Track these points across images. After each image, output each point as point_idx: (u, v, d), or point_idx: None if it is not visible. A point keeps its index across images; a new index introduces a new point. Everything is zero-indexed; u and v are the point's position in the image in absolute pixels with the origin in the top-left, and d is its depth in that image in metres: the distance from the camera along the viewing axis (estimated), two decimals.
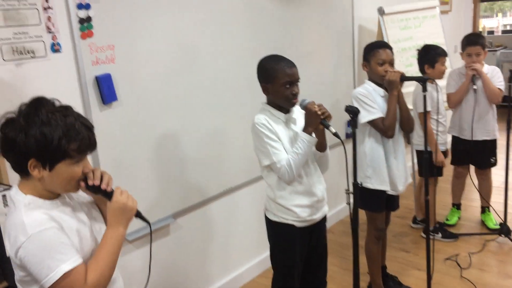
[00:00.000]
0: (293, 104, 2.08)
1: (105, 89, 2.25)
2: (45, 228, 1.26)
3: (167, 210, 2.64)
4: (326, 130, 2.02)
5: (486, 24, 10.63)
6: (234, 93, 2.93)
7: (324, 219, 2.26)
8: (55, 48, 2.08)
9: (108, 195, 1.40)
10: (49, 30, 2.04)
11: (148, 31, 2.42)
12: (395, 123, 2.53)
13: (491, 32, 9.56)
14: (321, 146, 2.11)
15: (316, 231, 2.20)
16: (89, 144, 1.33)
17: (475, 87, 3.37)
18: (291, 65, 2.06)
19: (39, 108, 1.29)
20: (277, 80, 2.03)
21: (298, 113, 2.15)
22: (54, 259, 1.24)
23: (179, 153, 2.66)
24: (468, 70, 3.38)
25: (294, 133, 2.10)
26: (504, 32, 9.45)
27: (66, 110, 1.33)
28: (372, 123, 2.52)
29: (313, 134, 2.01)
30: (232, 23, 2.87)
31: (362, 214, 2.39)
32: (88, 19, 2.16)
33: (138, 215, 1.46)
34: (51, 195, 1.36)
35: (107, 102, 2.27)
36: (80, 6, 2.13)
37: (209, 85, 2.77)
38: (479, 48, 3.35)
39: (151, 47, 2.44)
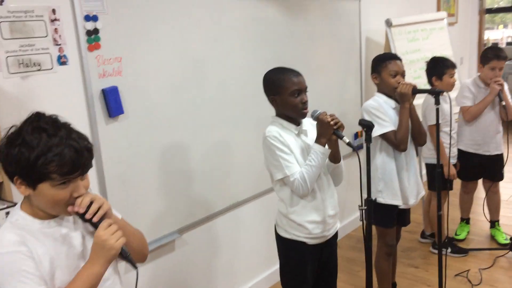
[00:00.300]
0: (304, 114, 2.03)
1: (112, 102, 2.21)
2: (10, 251, 1.21)
3: (172, 225, 2.58)
4: (339, 140, 1.97)
5: (489, 36, 10.64)
6: (241, 107, 2.89)
7: (335, 235, 2.20)
8: (62, 60, 2.04)
9: (95, 225, 1.29)
10: (56, 42, 2.00)
11: (156, 43, 2.39)
12: (408, 136, 2.48)
13: (495, 44, 9.54)
14: (335, 157, 2.05)
15: (327, 248, 2.15)
16: (72, 167, 1.23)
17: (503, 103, 3.29)
18: (297, 73, 2.02)
19: (26, 125, 1.25)
20: (284, 90, 1.99)
21: (309, 124, 2.10)
22: (11, 286, 1.18)
23: (185, 167, 2.62)
24: (494, 84, 3.28)
25: (306, 145, 2.05)
26: (508, 44, 9.44)
27: (56, 129, 1.24)
28: (384, 136, 2.47)
29: (326, 146, 1.96)
30: (240, 36, 2.84)
31: (373, 230, 2.33)
32: (96, 31, 2.13)
33: (124, 256, 1.31)
34: (46, 214, 1.31)
35: (113, 115, 2.23)
36: (87, 18, 2.09)
37: (216, 98, 2.73)
38: (503, 62, 3.30)
39: (158, 60, 2.41)
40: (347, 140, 1.89)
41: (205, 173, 2.72)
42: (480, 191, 3.84)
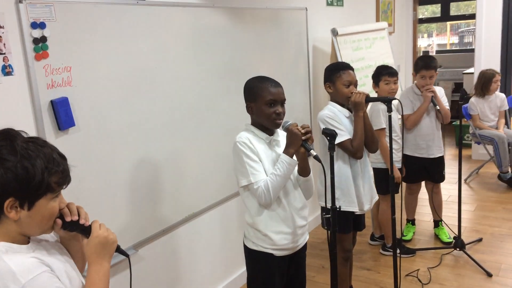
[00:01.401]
0: (276, 125, 2.02)
1: (62, 114, 2.08)
2: (38, 273, 1.12)
3: (128, 241, 2.48)
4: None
5: (420, 44, 11.28)
6: (193, 117, 2.84)
7: (304, 247, 2.19)
8: (7, 70, 1.90)
9: (86, 230, 1.30)
10: (0, 51, 1.86)
11: (107, 52, 2.29)
12: (363, 144, 2.54)
13: (426, 52, 10.11)
14: (304, 170, 2.05)
15: (296, 259, 2.14)
16: (67, 175, 1.23)
17: (437, 107, 3.47)
18: (276, 84, 2.02)
19: (13, 140, 1.14)
20: (260, 99, 1.99)
21: (282, 137, 2.10)
22: None
23: (139, 180, 2.52)
24: (426, 92, 3.48)
25: (277, 155, 2.03)
26: (437, 52, 10.03)
27: (38, 140, 1.20)
28: (341, 145, 2.51)
29: (294, 157, 1.96)
30: (190, 46, 2.79)
31: (325, 234, 2.35)
32: (43, 39, 2.00)
33: (117, 248, 1.37)
34: (24, 240, 1.20)
35: (64, 128, 2.11)
36: (34, 25, 1.96)
37: (169, 109, 2.67)
38: (433, 71, 3.49)
39: (109, 69, 2.31)
40: (314, 153, 1.90)
41: (159, 185, 2.64)
42: (422, 193, 4.02)
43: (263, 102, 1.98)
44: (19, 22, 1.92)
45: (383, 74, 3.37)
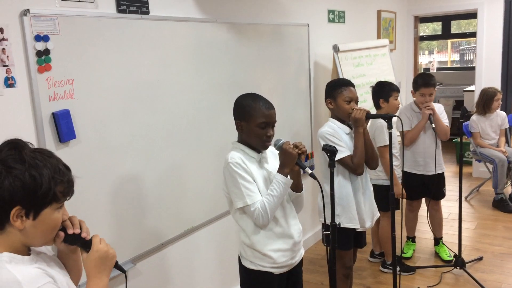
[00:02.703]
0: (265, 147, 2.01)
1: (63, 127, 2.09)
2: (43, 284, 1.12)
3: (126, 254, 2.46)
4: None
5: (421, 61, 11.35)
6: (193, 131, 2.85)
7: (300, 262, 2.18)
8: (9, 82, 1.91)
9: (87, 244, 1.30)
10: (3, 63, 1.87)
11: (109, 65, 2.30)
12: (364, 160, 2.54)
13: (427, 69, 10.16)
14: (297, 187, 2.05)
15: (293, 275, 2.12)
16: (72, 186, 1.23)
17: (433, 125, 3.47)
18: (270, 106, 2.00)
19: (21, 149, 1.16)
20: (252, 119, 1.97)
21: (269, 152, 2.10)
22: None
23: (139, 193, 2.52)
24: (425, 109, 3.49)
25: (268, 172, 2.03)
26: (438, 69, 10.08)
27: (45, 151, 1.22)
28: (341, 161, 2.51)
29: (289, 176, 1.95)
30: (193, 60, 2.81)
31: (324, 251, 2.33)
32: (46, 51, 2.02)
33: (116, 264, 1.37)
34: (26, 251, 1.21)
35: (64, 140, 2.11)
36: (38, 38, 1.98)
37: (169, 122, 2.67)
38: (432, 89, 3.50)
39: (112, 82, 2.32)
40: (310, 171, 1.89)
41: (158, 199, 2.63)
42: (422, 211, 4.00)
43: (255, 123, 1.96)
44: (23, 34, 1.94)
45: (394, 89, 3.38)
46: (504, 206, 4.85)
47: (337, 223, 1.97)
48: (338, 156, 2.49)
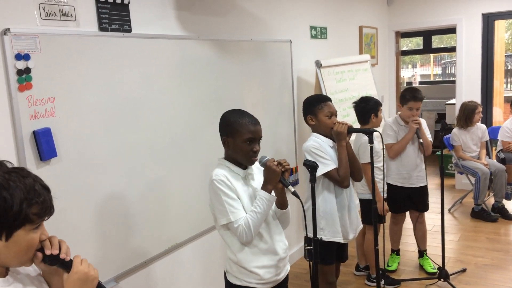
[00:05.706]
0: (252, 162, 2.03)
1: (44, 145, 2.08)
2: None
3: (108, 272, 2.44)
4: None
5: (403, 75, 11.53)
6: (176, 147, 2.85)
7: (286, 278, 2.18)
8: None
9: (67, 265, 1.27)
10: None
11: (92, 83, 2.31)
12: (349, 173, 2.56)
13: (409, 83, 10.31)
14: (281, 204, 2.06)
15: None
16: (49, 207, 1.21)
17: (421, 140, 3.53)
18: (255, 122, 2.02)
19: None
20: (239, 135, 1.98)
21: (255, 168, 2.11)
22: None
23: (121, 210, 2.50)
24: (412, 123, 3.54)
25: (254, 189, 2.04)
26: (421, 83, 10.23)
27: (22, 171, 1.19)
28: (328, 175, 2.54)
29: (273, 192, 1.96)
30: (175, 76, 2.83)
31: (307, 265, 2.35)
32: (27, 70, 2.02)
33: (99, 285, 1.34)
34: (2, 271, 1.19)
35: (45, 158, 2.10)
36: (18, 57, 1.98)
37: (151, 139, 2.67)
38: (420, 103, 3.56)
39: (94, 100, 2.32)
40: (292, 189, 1.90)
41: (141, 217, 2.62)
42: (407, 223, 4.03)
43: (241, 139, 1.98)
44: (3, 53, 1.94)
45: (380, 104, 3.45)
46: (485, 216, 4.93)
47: (319, 238, 1.97)
48: (324, 170, 2.52)
